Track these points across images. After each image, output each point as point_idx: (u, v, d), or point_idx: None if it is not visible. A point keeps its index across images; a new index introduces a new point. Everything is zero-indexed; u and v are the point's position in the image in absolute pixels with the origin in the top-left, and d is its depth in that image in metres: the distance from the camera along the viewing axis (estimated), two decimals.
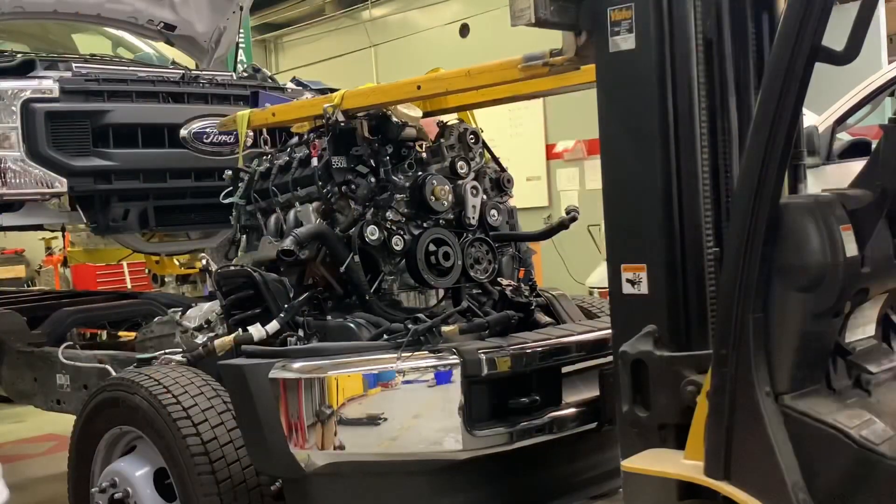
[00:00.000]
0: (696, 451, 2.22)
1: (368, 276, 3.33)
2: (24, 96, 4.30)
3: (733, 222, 2.18)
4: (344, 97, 3.49)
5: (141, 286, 6.73)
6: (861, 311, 2.35)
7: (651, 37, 2.42)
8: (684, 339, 2.43)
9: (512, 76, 2.96)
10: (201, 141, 4.66)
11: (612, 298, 2.54)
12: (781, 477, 2.06)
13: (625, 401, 2.45)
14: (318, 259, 3.34)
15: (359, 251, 3.29)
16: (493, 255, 3.52)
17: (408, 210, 3.41)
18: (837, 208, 2.15)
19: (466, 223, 3.49)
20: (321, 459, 2.86)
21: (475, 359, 2.85)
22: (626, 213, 2.50)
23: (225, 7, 5.89)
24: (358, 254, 3.28)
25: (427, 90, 3.32)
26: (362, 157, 3.46)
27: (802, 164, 2.69)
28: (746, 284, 2.10)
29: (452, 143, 3.60)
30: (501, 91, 3.42)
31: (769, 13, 2.59)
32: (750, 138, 2.14)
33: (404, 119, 3.56)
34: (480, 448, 2.86)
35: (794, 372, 2.14)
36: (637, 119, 2.46)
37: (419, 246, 3.33)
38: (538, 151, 10.62)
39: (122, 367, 3.89)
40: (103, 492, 3.45)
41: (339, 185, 3.40)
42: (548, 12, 2.48)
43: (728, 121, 2.54)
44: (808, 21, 2.03)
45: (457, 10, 11.79)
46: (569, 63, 2.71)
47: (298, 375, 2.86)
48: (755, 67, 2.55)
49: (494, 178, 3.71)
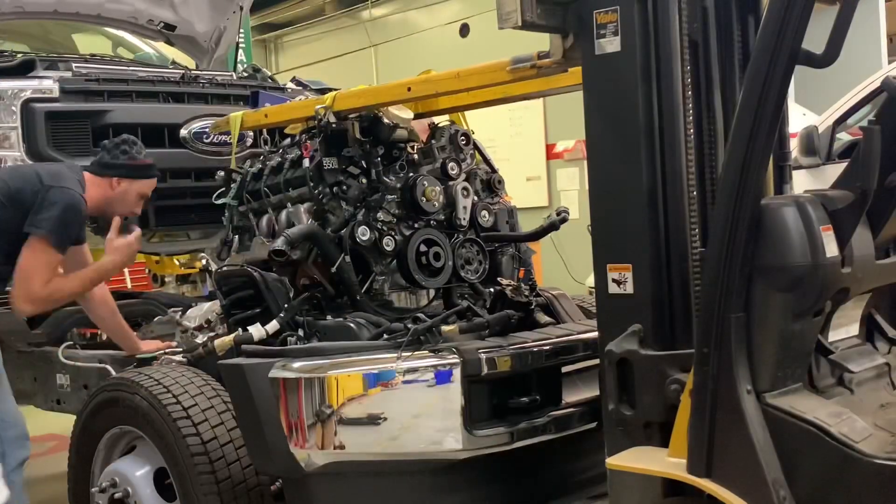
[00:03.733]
0: (680, 448, 2.24)
1: (360, 277, 3.35)
2: (24, 96, 4.30)
3: (715, 222, 2.21)
4: (335, 98, 3.52)
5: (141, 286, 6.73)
6: (843, 310, 2.38)
7: (636, 39, 2.45)
8: (669, 338, 2.46)
9: (501, 78, 2.99)
10: (201, 141, 4.67)
11: (598, 298, 2.57)
12: (762, 474, 2.09)
13: (610, 399, 2.48)
14: (310, 259, 3.36)
15: (350, 252, 3.31)
16: (483, 256, 3.55)
17: (399, 211, 3.44)
18: (818, 209, 2.17)
19: (457, 224, 3.52)
20: (321, 459, 2.87)
21: (475, 358, 2.85)
22: (612, 213, 2.53)
23: (225, 7, 5.90)
24: (349, 254, 3.31)
25: (417, 92, 3.34)
26: (354, 158, 3.49)
27: (788, 164, 2.72)
28: (728, 284, 2.13)
29: (443, 145, 3.64)
30: (492, 93, 3.44)
31: (754, 15, 2.62)
32: (731, 139, 2.18)
33: (395, 120, 3.58)
34: (480, 448, 2.86)
35: (776, 370, 2.17)
36: (622, 120, 2.49)
37: (410, 246, 3.36)
38: (538, 151, 10.62)
39: (122, 367, 3.89)
40: (103, 492, 3.46)
41: (330, 186, 3.43)
42: (534, 15, 2.51)
43: (713, 122, 2.57)
44: (787, 24, 2.06)
45: (457, 10, 11.80)
46: (556, 65, 2.73)
47: (298, 375, 2.87)
48: (740, 69, 2.58)
49: (485, 180, 3.74)
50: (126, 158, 3.87)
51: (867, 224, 2.31)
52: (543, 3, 2.53)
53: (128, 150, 3.87)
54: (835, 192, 2.26)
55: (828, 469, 2.09)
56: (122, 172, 3.87)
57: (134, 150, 3.89)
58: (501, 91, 3.38)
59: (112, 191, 3.85)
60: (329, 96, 3.55)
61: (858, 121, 6.03)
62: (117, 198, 3.88)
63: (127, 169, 3.87)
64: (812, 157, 5.79)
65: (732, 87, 2.58)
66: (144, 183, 3.94)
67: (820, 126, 5.96)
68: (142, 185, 3.94)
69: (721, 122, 2.58)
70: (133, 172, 3.89)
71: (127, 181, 3.88)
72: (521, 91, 3.38)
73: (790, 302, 2.14)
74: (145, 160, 3.95)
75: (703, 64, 2.55)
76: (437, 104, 3.71)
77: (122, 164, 3.87)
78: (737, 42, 2.59)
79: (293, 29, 14.46)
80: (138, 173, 3.91)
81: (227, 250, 3.87)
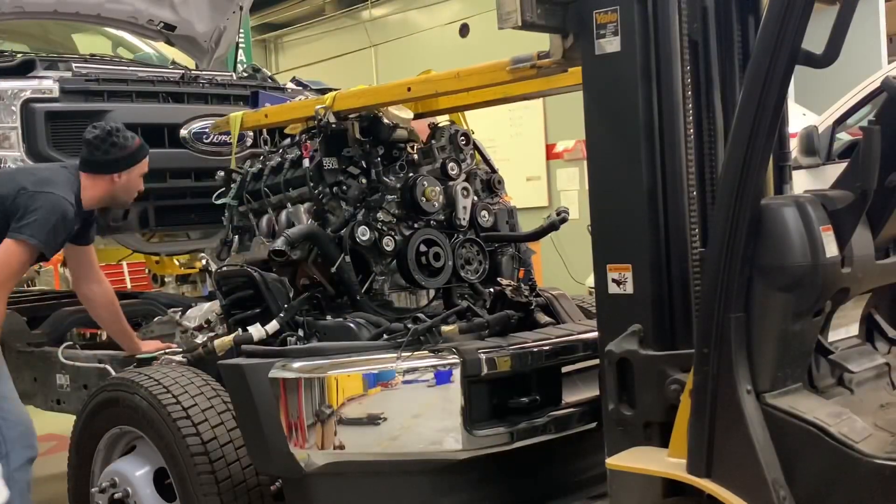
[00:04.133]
0: (680, 448, 2.25)
1: (359, 277, 3.35)
2: (24, 96, 4.30)
3: (715, 223, 2.21)
4: (335, 99, 3.51)
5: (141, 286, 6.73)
6: (843, 310, 2.38)
7: (636, 39, 2.45)
8: (669, 338, 2.46)
9: (501, 78, 2.99)
10: (201, 141, 4.67)
11: (598, 298, 2.57)
12: (762, 474, 2.09)
13: (610, 399, 2.48)
14: (310, 259, 3.36)
15: (350, 252, 3.31)
16: (483, 256, 3.55)
17: (399, 211, 3.44)
18: (818, 209, 2.17)
19: (457, 224, 3.51)
20: (321, 459, 2.87)
21: (475, 358, 2.85)
22: (612, 213, 2.53)
23: (225, 7, 5.90)
24: (349, 254, 3.31)
25: (417, 92, 3.34)
26: (353, 158, 3.49)
27: (788, 165, 2.72)
28: (727, 284, 2.13)
29: (443, 145, 3.64)
30: (492, 93, 3.44)
31: (754, 15, 2.62)
32: (731, 139, 2.18)
33: (395, 121, 3.58)
34: (480, 448, 2.86)
35: (775, 371, 2.17)
36: (622, 120, 2.49)
37: (410, 246, 3.36)
38: (538, 151, 10.62)
39: (122, 367, 3.89)
40: (103, 492, 3.46)
41: (330, 186, 3.43)
42: (534, 15, 2.50)
43: (713, 121, 2.57)
44: (787, 24, 2.06)
45: (457, 10, 11.80)
46: (556, 65, 2.73)
47: (298, 375, 2.87)
48: (740, 68, 2.58)
49: (485, 180, 3.74)
50: (119, 151, 3.78)
51: (867, 224, 2.31)
52: (543, 3, 2.52)
53: (116, 141, 3.77)
54: (835, 192, 2.26)
55: (828, 469, 2.09)
56: (122, 166, 3.80)
57: (121, 139, 3.79)
58: (501, 91, 3.38)
59: (114, 185, 3.81)
60: (329, 96, 3.55)
61: (858, 121, 6.03)
62: (121, 189, 3.84)
63: (125, 161, 3.80)
64: (812, 157, 5.79)
65: (732, 86, 2.58)
66: (144, 164, 3.89)
67: (820, 126, 5.96)
68: (142, 167, 3.88)
69: (721, 122, 2.58)
70: (131, 161, 3.82)
71: (126, 172, 3.82)
72: (521, 91, 3.39)
73: (790, 302, 2.14)
74: (135, 142, 3.86)
75: (703, 64, 2.55)
76: (437, 104, 3.71)
77: (118, 157, 3.78)
78: (737, 41, 2.59)
79: (293, 29, 14.46)
80: (136, 159, 3.84)
81: (226, 250, 3.86)
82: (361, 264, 3.37)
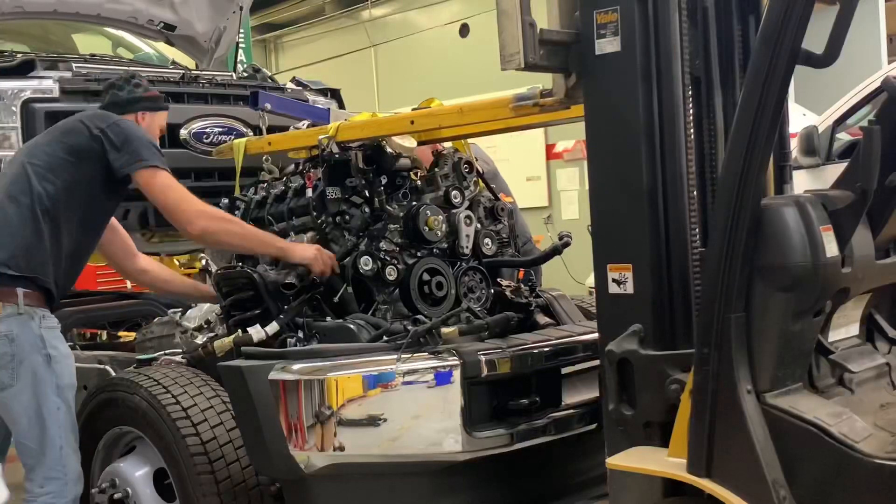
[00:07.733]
0: (680, 448, 2.25)
1: (362, 306, 3.34)
2: (24, 96, 4.29)
3: (715, 223, 2.21)
4: (338, 129, 3.53)
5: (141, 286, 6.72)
6: (843, 310, 2.39)
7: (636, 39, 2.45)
8: (669, 338, 2.46)
9: (503, 115, 3.01)
10: (201, 141, 4.66)
11: (598, 298, 2.58)
12: (762, 474, 2.09)
13: (611, 399, 2.49)
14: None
15: (352, 281, 3.31)
16: (486, 284, 3.53)
17: (401, 240, 3.41)
18: (818, 209, 2.18)
19: (460, 252, 3.50)
20: (321, 461, 2.87)
21: (475, 360, 2.86)
22: (612, 213, 2.54)
23: (225, 7, 5.89)
24: (351, 284, 3.31)
25: (420, 125, 3.36)
26: (356, 187, 3.49)
27: (788, 165, 2.72)
28: (728, 284, 2.14)
29: (447, 173, 3.63)
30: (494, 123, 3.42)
31: (755, 14, 2.62)
32: (731, 139, 2.18)
33: (399, 150, 3.58)
34: (480, 449, 2.87)
35: (776, 370, 2.17)
36: (622, 120, 2.49)
37: (412, 275, 3.34)
38: (538, 151, 10.60)
39: (121, 367, 3.88)
40: (103, 492, 3.46)
41: (333, 216, 3.45)
42: (537, 56, 2.50)
43: (713, 122, 2.57)
44: (787, 24, 2.06)
45: (457, 10, 11.79)
46: (559, 104, 2.73)
47: (298, 377, 2.87)
48: (741, 68, 2.58)
49: (488, 207, 3.71)
50: (143, 91, 3.70)
51: (867, 224, 2.32)
52: (546, 44, 2.52)
53: (139, 83, 3.71)
54: (835, 192, 2.27)
55: (828, 469, 2.09)
56: (146, 105, 3.69)
57: (143, 83, 3.73)
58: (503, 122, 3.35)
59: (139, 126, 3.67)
60: (332, 126, 3.56)
61: (858, 121, 6.03)
62: None
63: (148, 101, 3.71)
64: (812, 157, 5.80)
65: (732, 85, 2.58)
66: (163, 115, 3.80)
67: (820, 126, 5.96)
68: (161, 118, 3.79)
69: (721, 122, 2.58)
70: (154, 104, 3.74)
71: (150, 114, 3.71)
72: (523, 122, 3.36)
73: (790, 302, 2.14)
74: (155, 90, 3.82)
75: (703, 65, 2.55)
76: (440, 132, 3.68)
77: (142, 96, 3.68)
78: (737, 41, 2.59)
79: (293, 29, 14.46)
80: (158, 105, 3.76)
81: None
82: (364, 293, 3.36)
